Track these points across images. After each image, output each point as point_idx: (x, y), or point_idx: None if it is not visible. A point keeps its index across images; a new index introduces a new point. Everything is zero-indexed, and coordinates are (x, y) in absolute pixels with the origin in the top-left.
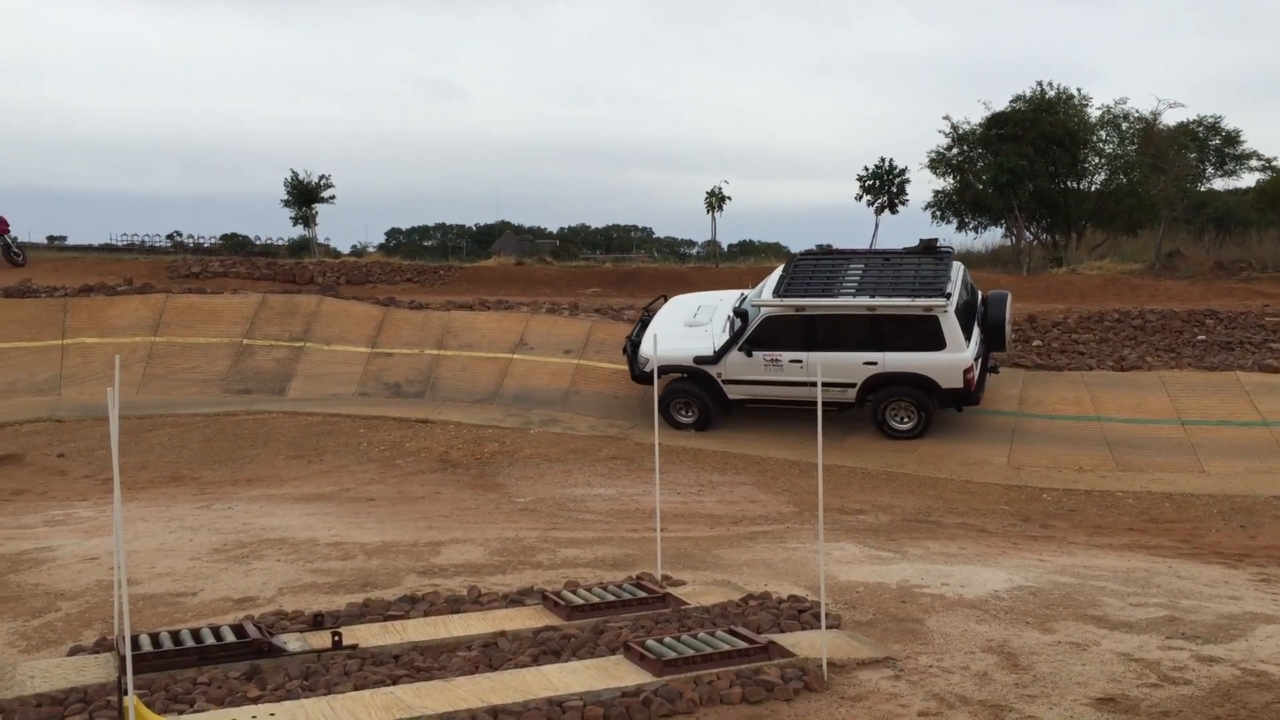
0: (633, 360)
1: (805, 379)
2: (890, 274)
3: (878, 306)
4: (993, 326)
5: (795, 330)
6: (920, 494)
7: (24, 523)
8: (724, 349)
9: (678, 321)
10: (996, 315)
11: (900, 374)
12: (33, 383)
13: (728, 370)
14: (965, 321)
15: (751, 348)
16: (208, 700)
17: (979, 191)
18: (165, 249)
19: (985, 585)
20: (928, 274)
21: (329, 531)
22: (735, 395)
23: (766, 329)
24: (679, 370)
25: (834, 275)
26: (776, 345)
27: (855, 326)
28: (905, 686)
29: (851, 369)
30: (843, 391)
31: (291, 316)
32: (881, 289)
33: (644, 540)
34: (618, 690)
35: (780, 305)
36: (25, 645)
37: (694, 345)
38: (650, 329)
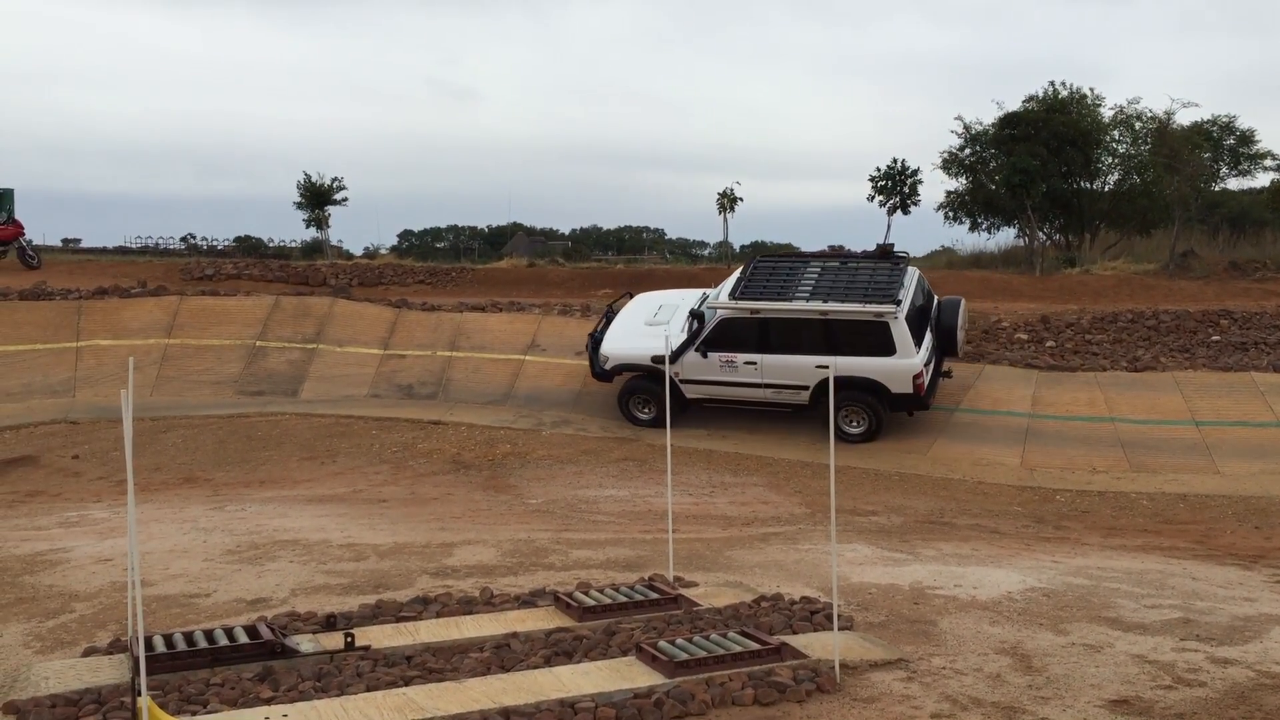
0: (593, 358)
1: (760, 380)
2: (845, 279)
3: (830, 311)
4: (945, 332)
5: (750, 332)
6: (933, 495)
7: (39, 524)
8: (681, 349)
9: (639, 320)
10: (949, 321)
11: (852, 378)
12: (47, 385)
13: (685, 370)
14: (918, 327)
15: (707, 349)
16: (221, 701)
17: (992, 192)
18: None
19: (998, 587)
20: (881, 280)
21: (342, 533)
22: (692, 395)
23: (722, 331)
24: (637, 369)
25: (790, 279)
26: (732, 347)
27: (808, 330)
28: (918, 688)
29: (804, 372)
30: (796, 394)
31: (304, 318)
32: (835, 294)
33: (656, 541)
34: (630, 691)
35: (735, 308)
36: (40, 646)
37: (652, 344)
38: (612, 327)
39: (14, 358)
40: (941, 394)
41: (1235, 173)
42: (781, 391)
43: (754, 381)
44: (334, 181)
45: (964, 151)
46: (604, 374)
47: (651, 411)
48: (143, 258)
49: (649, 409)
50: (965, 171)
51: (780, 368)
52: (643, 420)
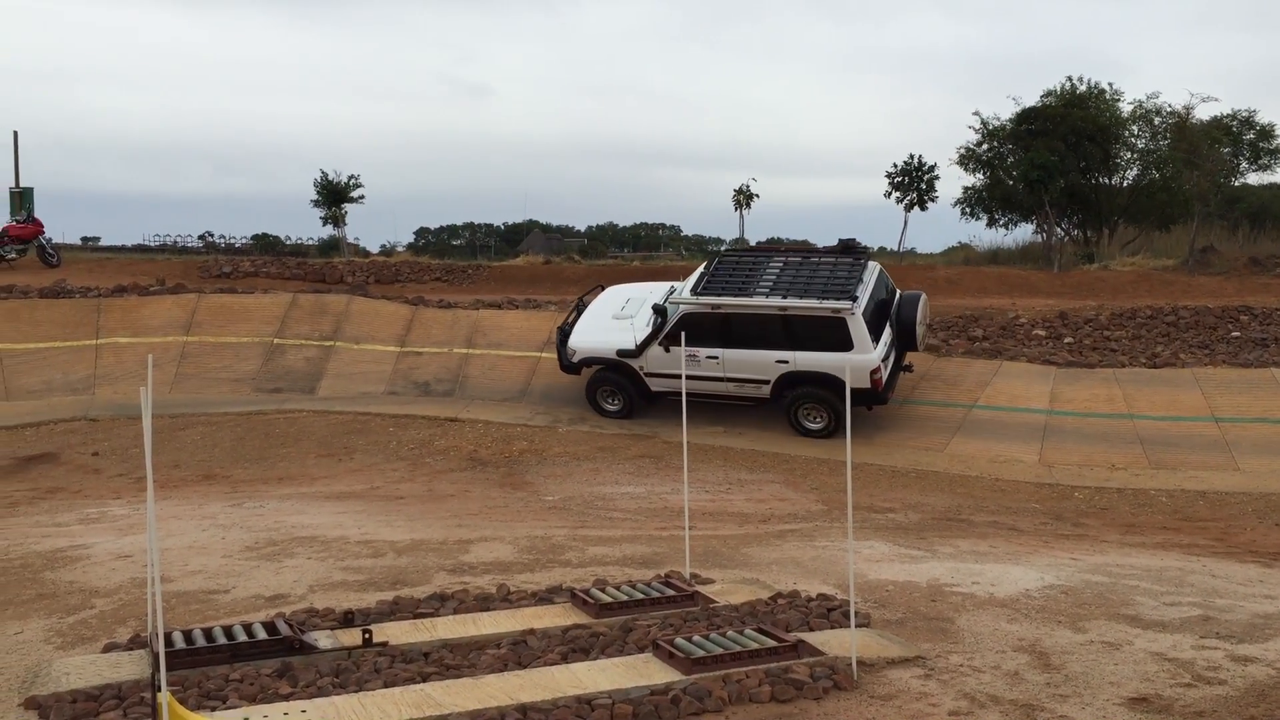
0: (561, 350)
1: (721, 374)
2: (806, 274)
3: (788, 307)
4: (904, 327)
5: (712, 327)
6: (950, 492)
7: (59, 520)
8: (644, 343)
9: (606, 314)
10: (908, 316)
11: (810, 373)
12: (67, 382)
13: (648, 364)
14: (877, 322)
15: (670, 343)
16: (240, 697)
17: (1009, 187)
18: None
19: (1016, 584)
20: (840, 276)
21: (359, 529)
22: (657, 388)
23: (683, 325)
24: (603, 362)
25: (753, 274)
26: (694, 341)
27: (768, 325)
28: (936, 686)
29: (764, 366)
30: (757, 388)
31: (321, 316)
32: (795, 290)
33: (672, 538)
34: (647, 688)
35: (696, 303)
36: (60, 642)
37: (617, 338)
38: (580, 321)
39: (34, 355)
40: (959, 391)
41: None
42: (744, 385)
43: (716, 375)
44: (350, 179)
45: (981, 147)
46: (571, 366)
47: (618, 403)
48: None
49: (616, 400)
50: (983, 167)
51: (741, 362)
52: (610, 411)
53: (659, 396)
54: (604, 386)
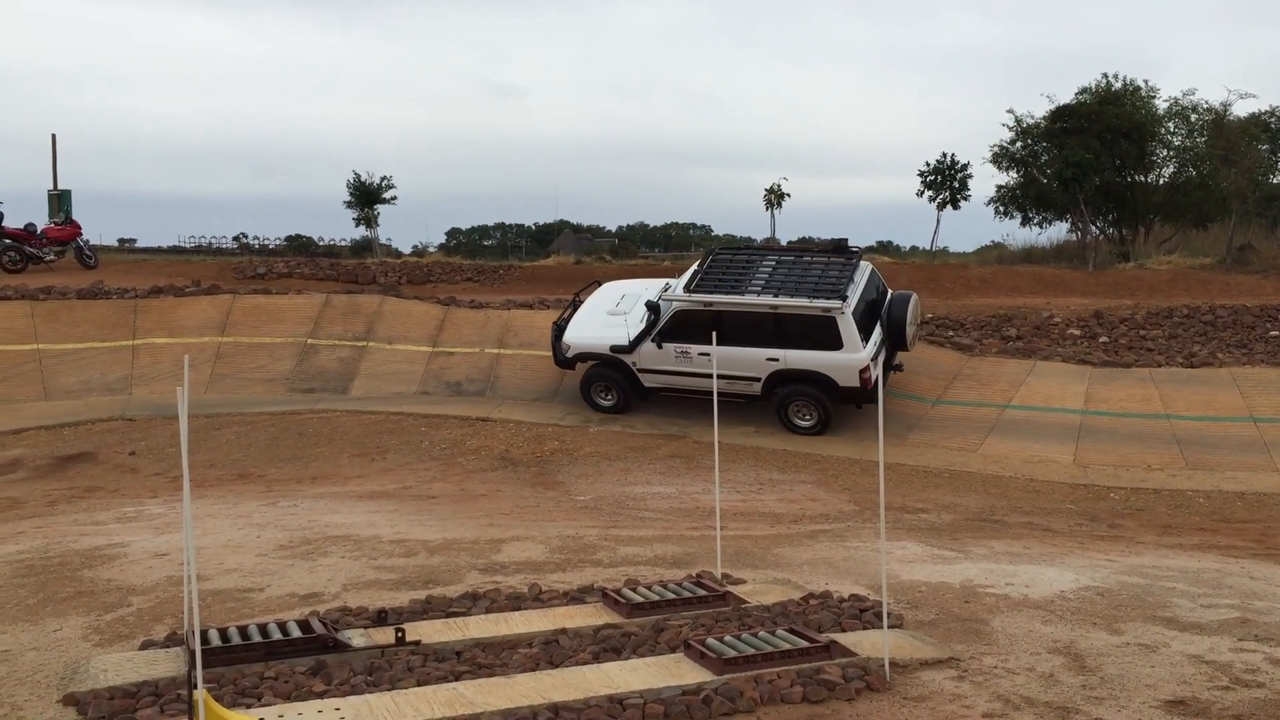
0: (556, 346)
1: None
2: (798, 273)
3: (780, 306)
4: (894, 326)
5: (704, 324)
6: (984, 493)
7: (97, 519)
8: (638, 339)
9: (601, 310)
10: (898, 315)
11: (800, 371)
12: (105, 382)
13: (641, 360)
14: (867, 321)
15: (662, 339)
16: (275, 695)
17: (1043, 186)
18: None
19: (1051, 585)
20: (831, 275)
21: (392, 529)
22: (650, 383)
23: (677, 322)
24: (597, 357)
25: (745, 272)
26: (686, 338)
27: (759, 323)
28: (969, 687)
29: (756, 364)
30: (748, 385)
31: (354, 316)
32: (786, 288)
33: (704, 538)
34: (678, 688)
35: (689, 300)
36: (98, 639)
37: (611, 334)
38: (575, 317)
39: (72, 356)
40: (992, 391)
41: None
42: (735, 382)
43: (708, 372)
44: (383, 180)
45: (1015, 145)
46: (566, 361)
47: (612, 398)
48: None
49: (610, 396)
50: (1016, 165)
51: (733, 359)
52: (604, 406)
53: (652, 392)
54: (598, 382)
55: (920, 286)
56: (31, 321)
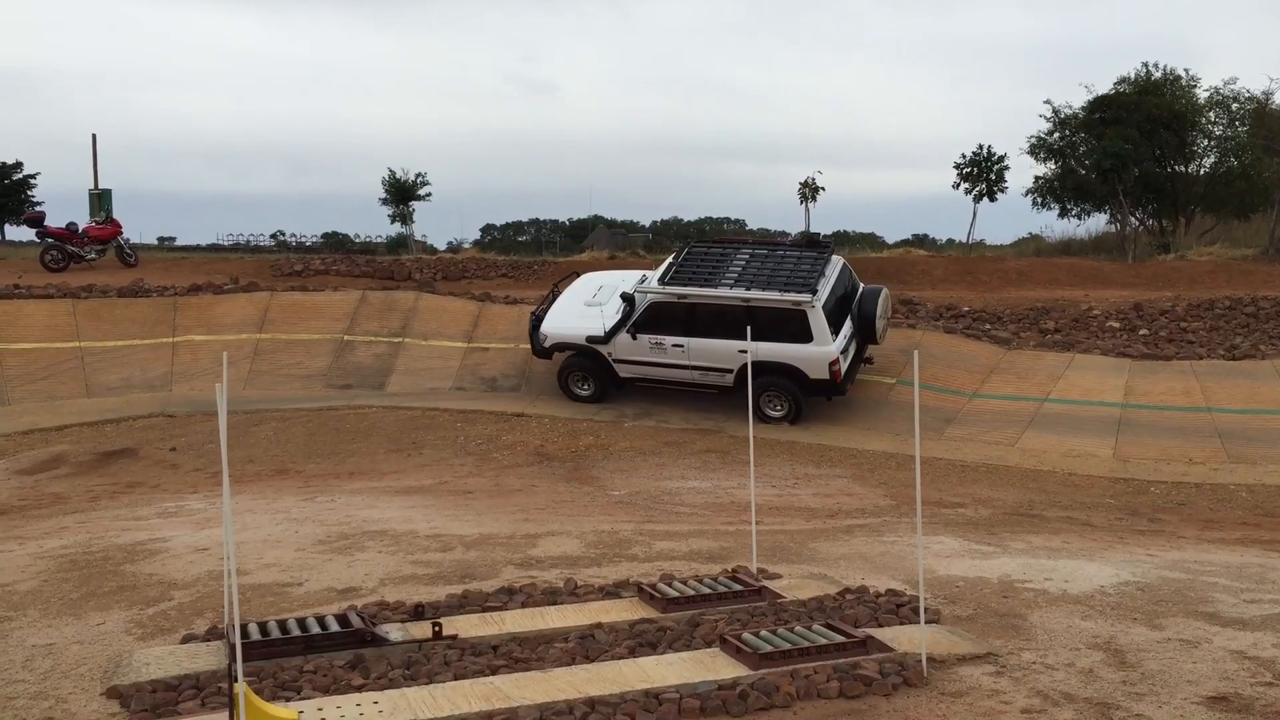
0: (534, 336)
1: (686, 362)
2: (770, 267)
3: (751, 299)
4: (864, 320)
5: (677, 316)
6: (1021, 487)
7: (139, 514)
8: (613, 330)
9: (579, 301)
10: (868, 310)
11: (772, 363)
12: (145, 379)
13: (617, 350)
14: (838, 315)
15: (637, 331)
16: (314, 688)
17: (1082, 177)
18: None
19: (1090, 580)
20: (803, 269)
21: (428, 524)
22: (625, 374)
23: (651, 314)
24: (574, 348)
25: (719, 265)
26: (660, 329)
27: (731, 316)
28: (1008, 683)
29: (728, 355)
30: (721, 376)
31: (390, 313)
32: (758, 282)
33: (739, 533)
34: (714, 683)
35: (663, 292)
36: (141, 633)
37: (587, 325)
38: (553, 307)
39: (113, 353)
40: (1030, 384)
41: None
42: (707, 374)
43: (681, 363)
44: (418, 177)
45: (1053, 136)
46: (543, 351)
47: (589, 388)
48: (234, 255)
49: (586, 386)
50: (1054, 156)
51: (705, 351)
52: (581, 396)
53: (627, 382)
54: (575, 372)
55: (957, 279)
56: (74, 319)
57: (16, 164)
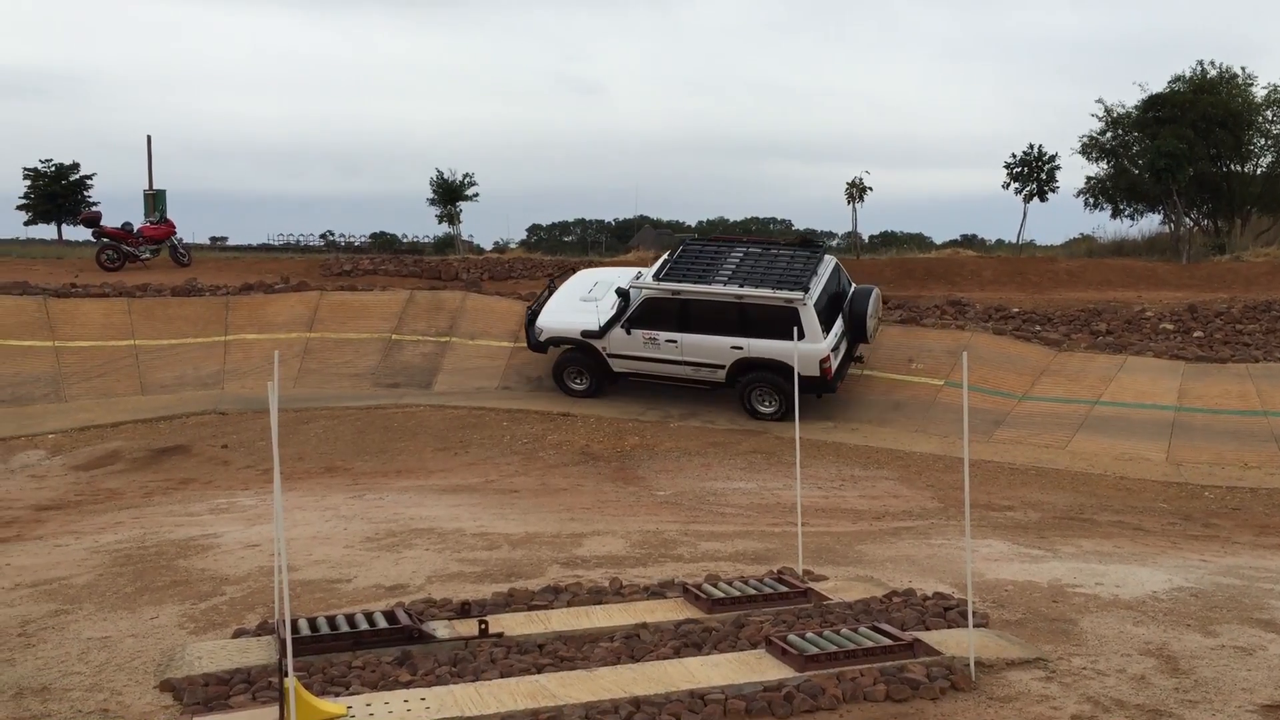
0: (529, 331)
1: (679, 358)
2: (764, 265)
3: (744, 296)
4: (856, 319)
5: (671, 312)
6: (1072, 490)
7: (191, 510)
8: (608, 325)
9: (575, 296)
10: (859, 309)
11: (763, 359)
12: (198, 377)
13: (611, 345)
14: (829, 313)
15: (631, 326)
16: (362, 684)
17: (1135, 177)
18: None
19: (1143, 586)
20: (796, 267)
21: (475, 522)
22: (619, 368)
23: (645, 309)
24: (569, 342)
25: (714, 262)
26: (654, 325)
27: (725, 312)
28: (1057, 688)
29: (720, 352)
30: (713, 372)
31: (437, 312)
32: (751, 279)
33: (785, 534)
34: (759, 684)
35: (658, 288)
36: (193, 627)
37: (583, 320)
38: (549, 302)
39: (167, 351)
40: (1081, 387)
41: None
42: (700, 369)
43: (674, 359)
44: (465, 178)
45: (1105, 135)
46: (538, 346)
47: (584, 382)
48: (285, 254)
49: (582, 380)
50: (1106, 156)
51: (698, 347)
52: (576, 391)
53: (621, 377)
54: (570, 367)
55: (1006, 280)
56: (129, 318)
57: (74, 165)
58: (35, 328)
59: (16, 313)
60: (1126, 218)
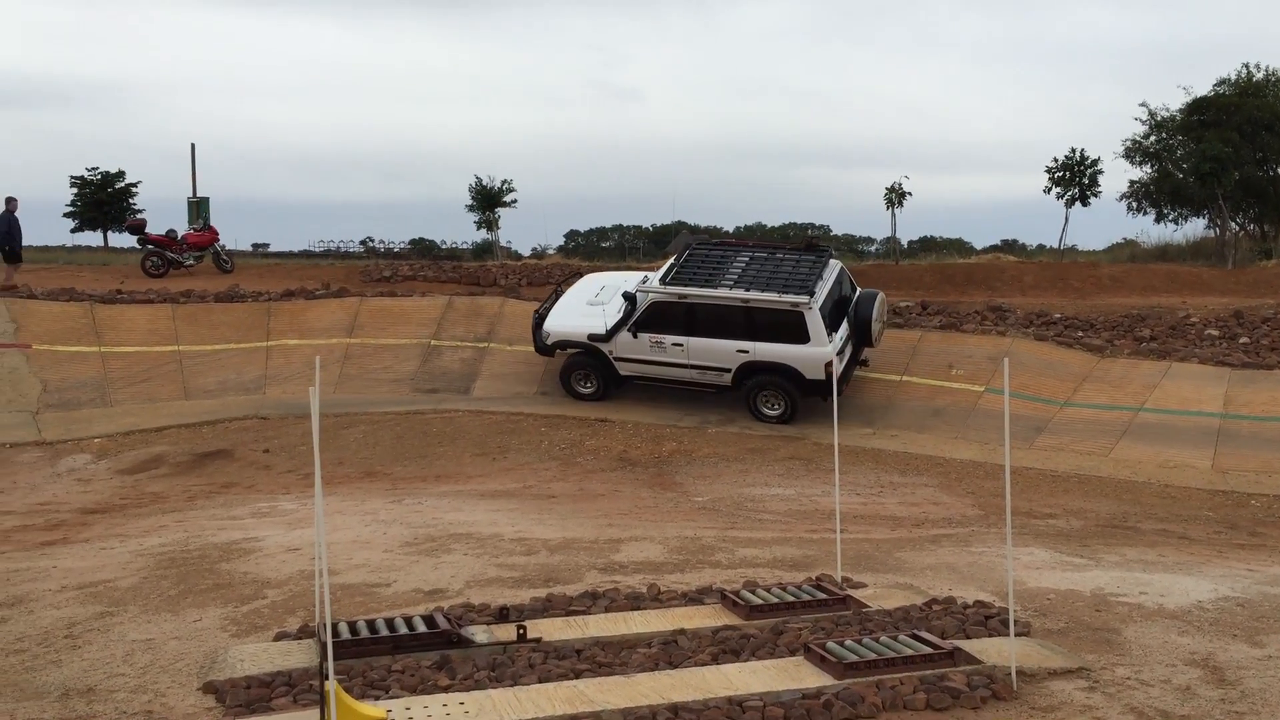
0: (536, 334)
1: (686, 361)
2: (770, 269)
3: (750, 299)
4: (860, 323)
5: (678, 316)
6: (1115, 498)
7: (233, 514)
8: (614, 329)
9: (582, 300)
10: (864, 313)
11: (769, 363)
12: (240, 382)
13: (618, 348)
14: (834, 317)
15: (638, 329)
16: (402, 687)
17: (1179, 181)
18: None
19: (1187, 595)
20: (801, 272)
21: (513, 527)
22: (625, 372)
23: (652, 313)
24: (575, 346)
25: (720, 266)
26: (661, 328)
27: (731, 316)
28: (1101, 699)
29: (726, 355)
30: (719, 375)
31: (475, 318)
32: (757, 283)
33: (823, 541)
34: (798, 692)
35: (664, 292)
36: (235, 630)
37: (590, 323)
38: (556, 306)
39: (210, 356)
40: (1124, 393)
41: None
42: (706, 373)
43: (680, 362)
44: (504, 184)
45: (1149, 139)
46: (545, 349)
47: (592, 386)
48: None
49: (589, 384)
50: (1150, 160)
51: (704, 350)
52: (584, 394)
53: (627, 380)
54: (577, 370)
55: (1048, 286)
56: (173, 323)
57: (119, 173)
58: (82, 333)
59: (64, 319)
60: (1170, 222)
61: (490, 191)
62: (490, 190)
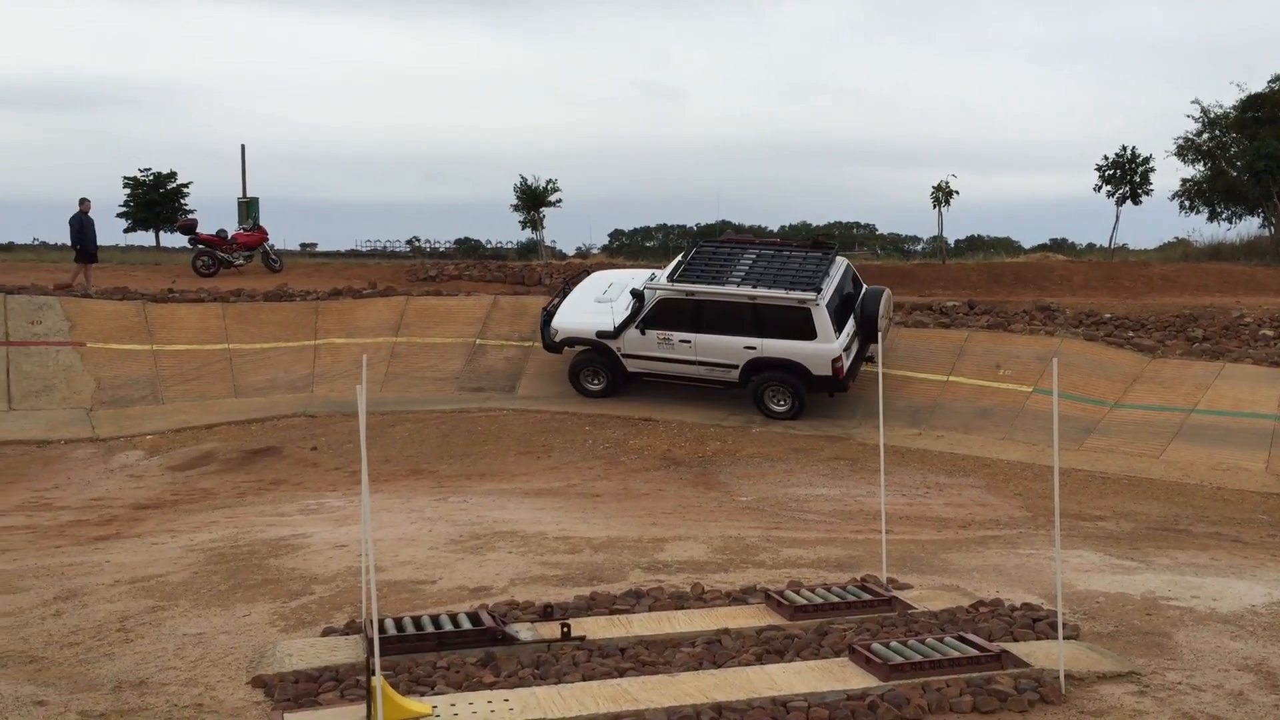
0: (545, 331)
1: (693, 358)
2: (777, 266)
3: (758, 296)
4: (867, 320)
5: (685, 313)
6: (1167, 500)
7: (282, 511)
8: (622, 326)
9: (590, 297)
10: (870, 309)
11: (776, 359)
12: (289, 380)
13: (626, 345)
14: (841, 314)
15: (646, 326)
16: (447, 684)
17: (1233, 179)
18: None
19: (1240, 599)
20: (808, 269)
21: (557, 525)
22: (633, 368)
23: (659, 310)
24: (584, 343)
25: (728, 263)
26: (668, 325)
27: (738, 313)
28: (1151, 703)
29: (734, 352)
30: (727, 372)
31: (520, 317)
32: (765, 280)
33: (868, 542)
34: (843, 693)
35: (672, 289)
36: (284, 625)
37: (598, 321)
38: (564, 303)
39: (259, 355)
40: (1176, 394)
41: None
42: (714, 369)
43: (688, 359)
44: (548, 184)
45: (1202, 137)
46: (554, 346)
47: (600, 383)
48: (372, 260)
49: (598, 381)
50: (1203, 158)
51: (712, 347)
52: (592, 391)
53: (635, 377)
54: (586, 367)
55: (1098, 285)
56: (223, 322)
57: (171, 174)
58: (135, 332)
59: (117, 317)
60: (1224, 221)
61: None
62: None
